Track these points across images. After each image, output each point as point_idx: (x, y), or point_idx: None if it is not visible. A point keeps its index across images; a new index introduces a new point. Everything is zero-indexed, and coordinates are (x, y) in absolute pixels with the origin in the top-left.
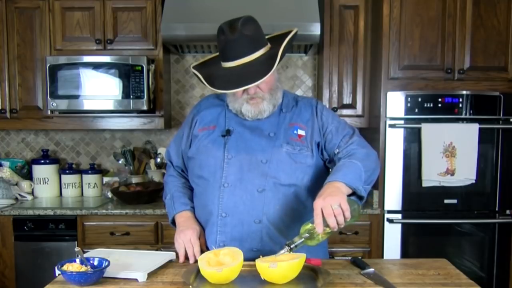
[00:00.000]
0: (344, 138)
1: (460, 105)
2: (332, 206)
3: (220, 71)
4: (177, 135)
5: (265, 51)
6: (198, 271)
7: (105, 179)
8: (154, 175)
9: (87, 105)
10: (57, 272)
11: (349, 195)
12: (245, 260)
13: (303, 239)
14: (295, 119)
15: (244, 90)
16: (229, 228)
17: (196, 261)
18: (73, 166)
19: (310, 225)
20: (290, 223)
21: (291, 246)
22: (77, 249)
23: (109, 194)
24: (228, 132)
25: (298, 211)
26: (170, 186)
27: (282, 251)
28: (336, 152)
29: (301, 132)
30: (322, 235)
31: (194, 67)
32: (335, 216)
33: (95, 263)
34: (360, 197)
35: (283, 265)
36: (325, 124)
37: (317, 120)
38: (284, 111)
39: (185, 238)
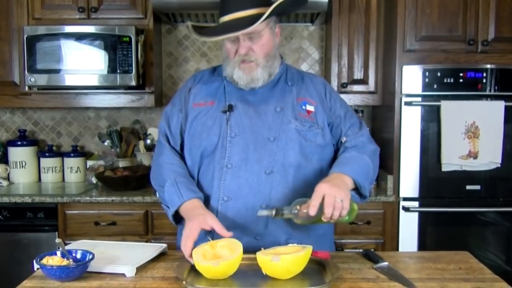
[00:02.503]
0: (353, 127)
1: (484, 81)
2: (336, 198)
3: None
4: (172, 108)
5: (263, 10)
6: (192, 265)
7: (89, 163)
8: (143, 158)
9: (69, 80)
10: (36, 266)
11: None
12: (246, 249)
13: (292, 214)
14: (303, 93)
15: (236, 51)
16: (231, 213)
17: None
18: (54, 148)
19: (305, 204)
20: None
21: (278, 213)
22: (58, 240)
23: (94, 180)
24: (230, 108)
25: (307, 197)
26: (167, 170)
27: (264, 214)
28: (343, 141)
29: (310, 107)
30: (310, 220)
31: (192, 25)
32: (334, 208)
33: (78, 256)
34: (361, 195)
35: (287, 258)
36: (333, 107)
37: (326, 101)
38: (290, 84)
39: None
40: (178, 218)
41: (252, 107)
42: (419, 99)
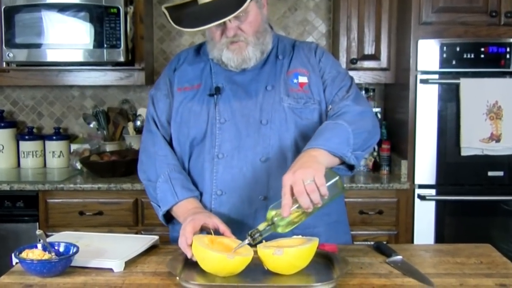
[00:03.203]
0: (340, 92)
1: (507, 56)
2: (304, 182)
3: (193, 8)
4: (156, 92)
5: None
6: (186, 259)
7: (73, 147)
8: (133, 141)
9: (51, 56)
10: (14, 260)
11: (339, 165)
12: None
13: (270, 226)
14: (294, 64)
15: (222, 33)
16: (226, 208)
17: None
18: (34, 130)
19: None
20: None
21: (255, 236)
22: (38, 232)
23: (78, 165)
24: (217, 90)
25: None
26: (161, 163)
27: (242, 244)
28: (329, 109)
29: (302, 79)
30: (296, 218)
31: (166, 7)
32: (308, 194)
33: (61, 249)
34: (350, 167)
35: (290, 251)
36: (321, 71)
37: (316, 66)
38: (281, 58)
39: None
40: (168, 218)
41: (241, 88)
42: (436, 76)
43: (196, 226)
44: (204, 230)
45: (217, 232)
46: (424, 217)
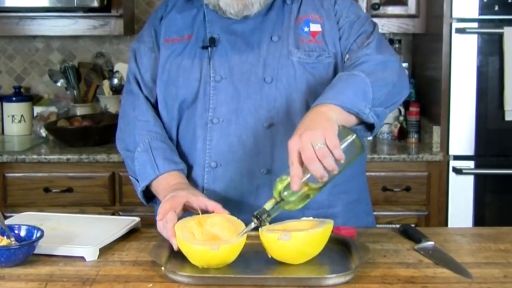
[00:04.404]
0: (359, 39)
1: None
2: (314, 146)
3: None
4: (139, 45)
5: None
6: (175, 247)
7: (37, 110)
8: (109, 103)
9: (10, 0)
10: None
11: (357, 125)
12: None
13: (279, 203)
14: (304, 9)
15: None
16: (222, 184)
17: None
18: None
19: (287, 179)
20: None
21: (262, 217)
22: None
23: (43, 132)
24: (212, 42)
25: None
26: (140, 130)
27: (247, 229)
28: (346, 59)
29: (315, 27)
30: (308, 191)
31: None
32: (319, 160)
33: (22, 233)
34: (370, 127)
35: (299, 236)
36: (336, 16)
37: (332, 10)
38: (289, 2)
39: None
40: (150, 197)
41: (241, 39)
42: (475, 25)
43: (176, 205)
44: (188, 211)
45: (205, 213)
46: (461, 195)
